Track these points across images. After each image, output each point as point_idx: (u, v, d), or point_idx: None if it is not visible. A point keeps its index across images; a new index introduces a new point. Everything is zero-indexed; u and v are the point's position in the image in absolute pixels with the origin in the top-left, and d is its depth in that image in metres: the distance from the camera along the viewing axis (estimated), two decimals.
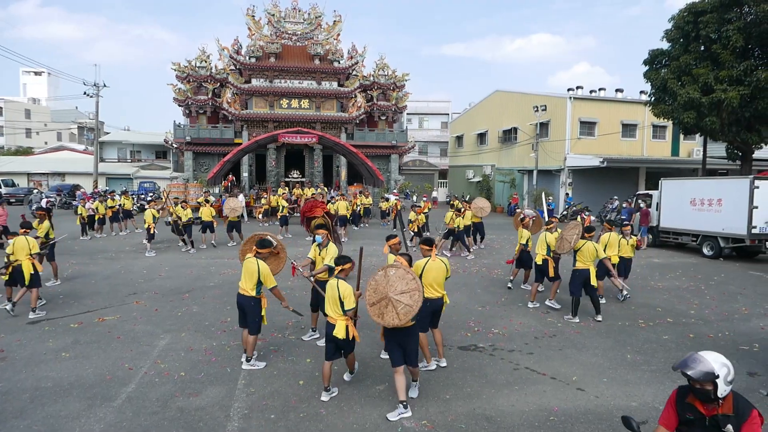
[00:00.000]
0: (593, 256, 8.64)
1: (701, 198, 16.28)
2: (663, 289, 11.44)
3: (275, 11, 34.97)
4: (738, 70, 18.13)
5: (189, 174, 32.87)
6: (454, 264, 14.03)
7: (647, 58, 21.95)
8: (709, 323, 8.74)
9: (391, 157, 36.01)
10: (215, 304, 9.44)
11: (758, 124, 19.89)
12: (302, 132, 27.63)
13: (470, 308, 9.42)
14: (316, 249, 7.31)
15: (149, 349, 7.06)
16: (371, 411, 5.32)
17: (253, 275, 6.30)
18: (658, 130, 31.99)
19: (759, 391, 5.90)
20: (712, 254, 15.90)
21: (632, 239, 10.55)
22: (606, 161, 27.21)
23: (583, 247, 8.67)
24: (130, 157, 50.93)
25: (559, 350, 7.23)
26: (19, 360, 6.59)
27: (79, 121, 67.65)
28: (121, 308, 9.15)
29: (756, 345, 7.56)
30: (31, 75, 78.42)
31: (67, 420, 5.04)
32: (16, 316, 8.51)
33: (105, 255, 14.83)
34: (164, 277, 11.95)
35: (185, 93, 32.93)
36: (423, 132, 51.27)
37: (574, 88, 33.48)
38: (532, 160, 31.74)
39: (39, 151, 54.30)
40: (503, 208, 34.96)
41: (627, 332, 8.13)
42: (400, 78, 35.75)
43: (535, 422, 5.12)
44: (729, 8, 18.67)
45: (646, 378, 6.27)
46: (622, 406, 5.50)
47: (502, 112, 36.87)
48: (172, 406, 5.38)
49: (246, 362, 6.45)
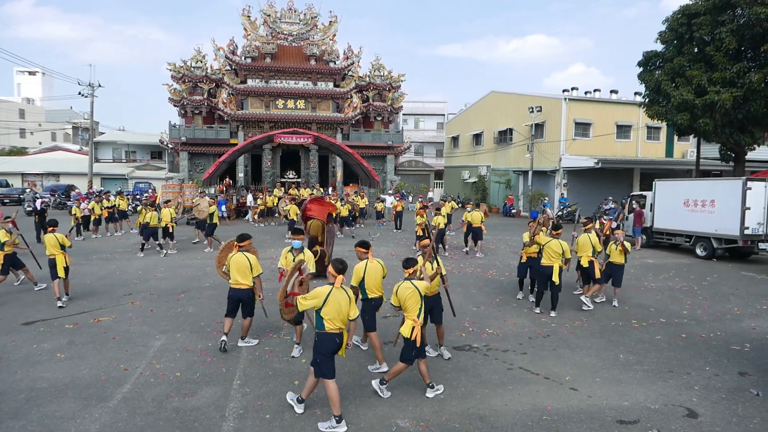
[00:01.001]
0: (558, 254, 8.88)
1: (695, 199, 16.40)
2: (656, 289, 11.53)
3: (271, 12, 34.97)
4: (731, 72, 18.29)
5: (184, 174, 32.82)
6: (454, 264, 14.09)
7: (641, 60, 22.11)
8: (702, 323, 8.82)
9: (387, 158, 36.07)
10: (211, 305, 9.45)
11: (751, 126, 20.07)
12: (298, 132, 27.65)
13: (465, 308, 9.46)
14: (288, 255, 7.37)
15: (145, 349, 7.07)
16: (366, 411, 5.35)
17: (246, 268, 6.99)
18: (652, 132, 32.19)
19: (749, 390, 5.98)
20: (705, 255, 16.02)
21: (620, 245, 9.74)
22: (601, 162, 27.36)
23: (549, 243, 8.98)
24: (125, 157, 50.78)
25: (552, 350, 7.29)
26: (14, 361, 6.58)
27: (74, 122, 67.35)
28: (116, 309, 9.15)
29: (747, 345, 7.64)
30: (25, 75, 78.17)
31: (62, 420, 5.05)
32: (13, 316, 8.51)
33: (100, 255, 14.80)
34: (159, 277, 11.95)
35: (181, 93, 32.88)
36: (419, 132, 51.38)
37: (569, 89, 33.67)
38: (528, 160, 31.86)
39: (33, 152, 54.09)
40: (499, 208, 35.09)
41: (620, 332, 8.20)
42: (396, 79, 35.83)
43: (528, 421, 5.17)
44: (722, 11, 18.83)
45: (639, 378, 6.33)
46: (615, 405, 5.56)
47: (497, 113, 37.00)
48: (168, 406, 5.39)
49: (241, 340, 7.24)
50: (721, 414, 5.39)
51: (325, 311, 5.01)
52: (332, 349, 5.09)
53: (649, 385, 6.09)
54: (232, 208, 26.04)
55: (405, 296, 5.57)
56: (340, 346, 5.16)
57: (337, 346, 5.12)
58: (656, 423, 5.16)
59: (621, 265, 9.86)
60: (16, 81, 79.17)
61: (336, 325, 5.07)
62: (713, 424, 5.16)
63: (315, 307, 5.05)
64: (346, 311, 5.13)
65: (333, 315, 5.04)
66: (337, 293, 5.08)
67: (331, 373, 5.04)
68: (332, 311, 5.03)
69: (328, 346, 5.07)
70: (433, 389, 5.73)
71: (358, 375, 6.28)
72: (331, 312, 5.02)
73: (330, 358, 5.08)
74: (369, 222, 25.15)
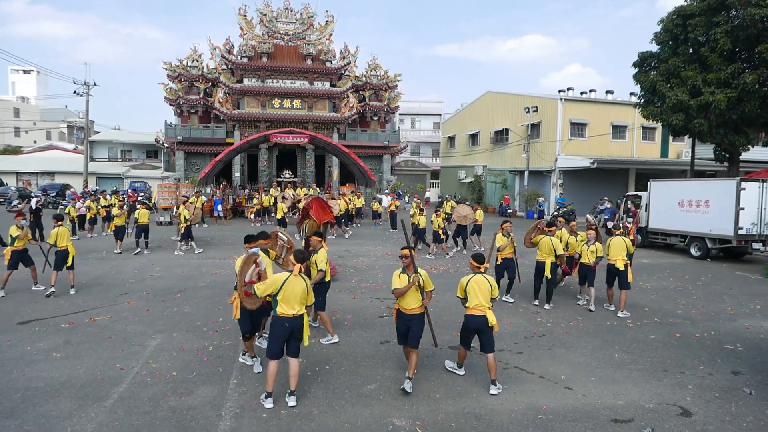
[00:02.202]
0: (550, 251, 9.46)
1: (689, 199, 16.50)
2: (651, 289, 11.60)
3: (267, 11, 34.91)
4: (725, 73, 18.39)
5: (180, 174, 32.72)
6: (450, 264, 14.12)
7: (637, 61, 22.23)
8: (696, 323, 8.88)
9: (384, 158, 36.07)
10: (207, 304, 9.45)
11: (745, 127, 20.19)
12: (294, 132, 27.61)
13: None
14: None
15: (141, 349, 7.07)
16: (362, 410, 5.37)
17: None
18: (647, 132, 32.34)
19: (742, 389, 6.03)
20: (700, 255, 16.11)
21: (594, 246, 9.63)
22: (596, 162, 27.48)
23: (541, 241, 9.59)
24: (121, 156, 50.62)
25: (548, 350, 7.33)
26: (9, 360, 6.57)
27: (69, 120, 67.11)
28: (112, 308, 9.13)
29: (739, 345, 7.70)
30: (20, 73, 77.70)
31: (58, 420, 5.05)
32: (10, 316, 8.48)
33: (96, 255, 14.76)
34: (156, 277, 11.93)
35: (177, 92, 32.78)
36: (415, 132, 51.39)
37: (565, 90, 33.78)
38: (524, 160, 31.95)
39: (28, 150, 53.83)
40: (495, 208, 35.17)
41: (615, 332, 8.25)
42: (393, 78, 35.81)
43: (523, 420, 5.20)
44: (717, 12, 18.93)
45: (633, 377, 6.38)
46: (609, 404, 5.60)
47: (493, 113, 37.09)
48: (164, 405, 5.40)
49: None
50: (715, 413, 5.44)
51: (280, 296, 5.36)
52: (281, 333, 5.39)
53: (644, 384, 6.14)
54: (228, 207, 26.00)
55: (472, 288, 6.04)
56: (291, 332, 5.41)
57: (287, 330, 5.39)
58: (650, 422, 5.20)
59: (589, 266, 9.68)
60: (10, 79, 78.70)
61: (288, 310, 5.38)
62: (707, 423, 5.20)
63: (272, 293, 5.39)
64: (302, 298, 5.46)
65: (287, 300, 5.37)
66: (294, 280, 5.42)
67: (274, 355, 5.40)
68: (287, 297, 5.37)
69: (277, 330, 5.41)
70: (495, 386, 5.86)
71: (354, 374, 6.30)
72: (285, 297, 5.36)
73: (278, 340, 5.41)
74: (365, 222, 25.17)
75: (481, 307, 5.96)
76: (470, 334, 6.14)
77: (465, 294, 6.07)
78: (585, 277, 9.77)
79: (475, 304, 5.99)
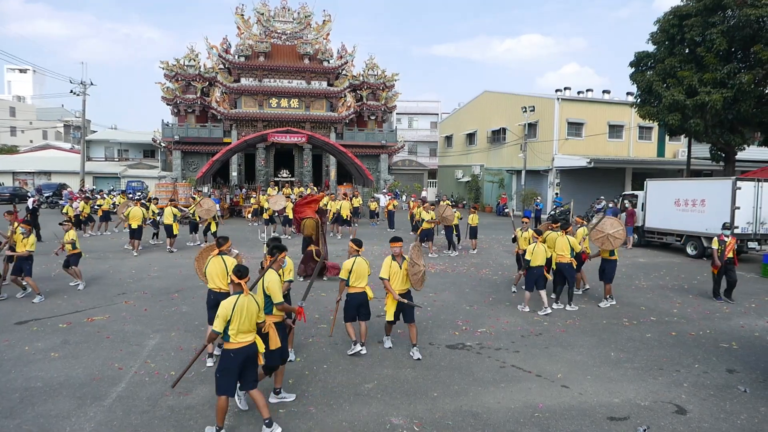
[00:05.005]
0: (566, 249, 9.46)
1: (685, 198, 16.57)
2: (647, 288, 11.66)
3: (264, 10, 34.87)
4: (721, 73, 18.48)
5: (177, 173, 32.68)
6: (448, 264, 14.16)
7: (633, 60, 22.29)
8: (692, 322, 8.94)
9: (381, 157, 36.09)
10: (204, 304, 9.42)
11: (741, 126, 20.29)
12: (292, 131, 27.60)
13: (458, 307, 9.53)
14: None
15: (139, 348, 7.08)
16: (360, 408, 5.40)
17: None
18: (644, 131, 32.43)
19: (737, 387, 6.08)
20: (696, 254, 16.19)
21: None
22: (593, 162, 27.54)
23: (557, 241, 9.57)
24: (118, 156, 50.47)
25: (544, 348, 7.37)
26: (8, 360, 6.58)
27: (66, 120, 66.92)
28: (110, 308, 9.14)
29: (734, 343, 7.76)
30: (16, 72, 77.39)
31: (57, 419, 5.07)
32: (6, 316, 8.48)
33: (93, 255, 14.73)
34: (153, 276, 11.93)
35: (174, 92, 32.73)
36: (412, 132, 51.40)
37: (562, 89, 33.84)
38: (521, 160, 32.00)
39: (24, 150, 53.60)
40: (492, 207, 35.22)
41: (611, 331, 8.30)
42: (390, 78, 35.83)
43: (520, 418, 5.24)
44: (713, 12, 19.01)
45: (629, 375, 6.42)
46: (605, 402, 5.64)
47: (490, 112, 37.13)
48: (163, 405, 5.42)
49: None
50: (710, 410, 5.48)
51: (232, 325, 4.59)
52: (233, 367, 4.63)
53: (640, 383, 6.18)
54: (225, 207, 25.98)
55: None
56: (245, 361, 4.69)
57: (240, 364, 4.65)
58: (646, 419, 5.24)
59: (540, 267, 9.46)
60: (6, 79, 78.38)
61: (243, 339, 4.67)
62: (702, 420, 5.25)
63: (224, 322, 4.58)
64: (255, 321, 4.76)
65: (240, 327, 4.61)
66: (245, 301, 4.67)
67: (226, 391, 4.67)
68: (242, 323, 4.61)
69: (229, 365, 4.64)
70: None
71: (352, 373, 6.33)
72: (240, 325, 4.61)
73: (231, 376, 4.67)
74: (363, 221, 25.16)
75: (362, 285, 6.85)
76: (354, 309, 6.91)
77: (348, 275, 6.80)
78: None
79: (356, 283, 6.82)
